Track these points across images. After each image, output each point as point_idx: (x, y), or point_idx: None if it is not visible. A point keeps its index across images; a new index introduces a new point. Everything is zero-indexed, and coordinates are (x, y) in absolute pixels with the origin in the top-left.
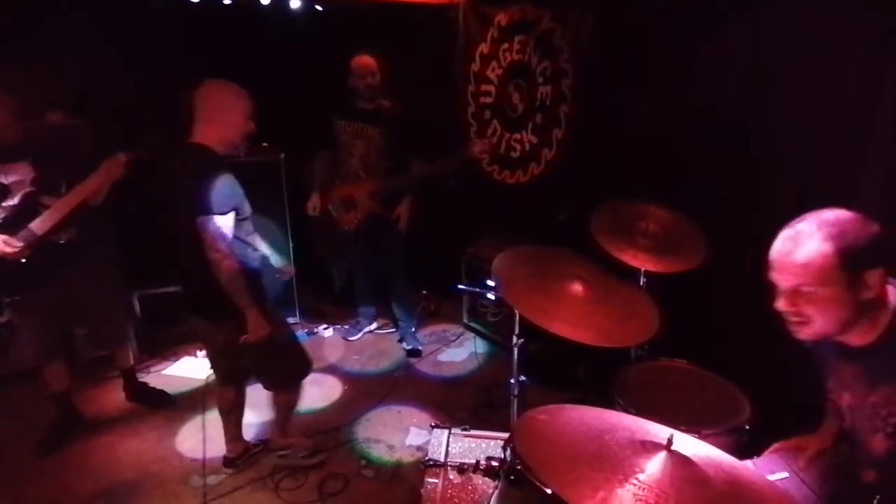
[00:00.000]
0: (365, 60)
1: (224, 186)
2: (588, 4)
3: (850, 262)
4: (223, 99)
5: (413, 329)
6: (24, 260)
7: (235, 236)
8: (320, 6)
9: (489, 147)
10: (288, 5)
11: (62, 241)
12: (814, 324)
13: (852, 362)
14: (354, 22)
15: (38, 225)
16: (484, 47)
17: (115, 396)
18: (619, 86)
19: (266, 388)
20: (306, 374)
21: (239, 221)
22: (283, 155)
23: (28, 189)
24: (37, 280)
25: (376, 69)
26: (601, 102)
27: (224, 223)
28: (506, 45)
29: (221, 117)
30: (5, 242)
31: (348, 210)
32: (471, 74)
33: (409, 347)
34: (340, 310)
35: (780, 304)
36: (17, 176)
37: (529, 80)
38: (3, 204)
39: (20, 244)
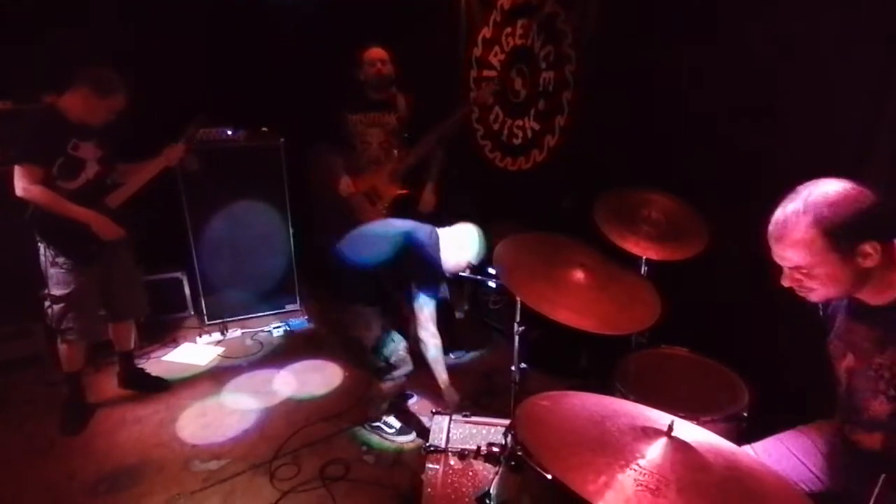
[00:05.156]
0: (376, 51)
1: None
2: None
3: (838, 240)
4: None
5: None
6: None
7: None
8: None
9: (492, 89)
10: None
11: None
12: (819, 292)
13: (864, 322)
14: (355, 6)
15: (112, 200)
16: (486, 31)
17: (116, 382)
18: (623, 72)
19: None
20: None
21: None
22: (282, 140)
23: (97, 167)
24: (103, 252)
25: (387, 59)
26: (605, 88)
27: None
28: (508, 30)
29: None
30: (108, 227)
31: (374, 203)
32: (473, 59)
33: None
34: None
35: (784, 282)
36: (88, 154)
37: (532, 65)
38: (82, 176)
39: (122, 229)
